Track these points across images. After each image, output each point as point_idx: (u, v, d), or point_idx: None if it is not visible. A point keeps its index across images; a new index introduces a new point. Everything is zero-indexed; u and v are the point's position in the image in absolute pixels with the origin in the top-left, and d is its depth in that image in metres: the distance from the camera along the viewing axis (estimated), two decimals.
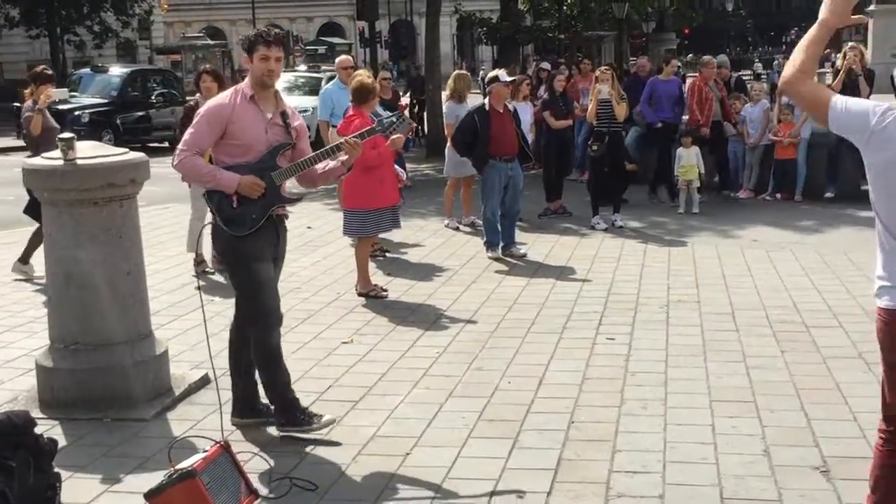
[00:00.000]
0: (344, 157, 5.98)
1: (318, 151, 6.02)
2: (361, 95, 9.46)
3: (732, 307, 8.83)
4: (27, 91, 10.72)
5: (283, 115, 5.95)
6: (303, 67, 35.86)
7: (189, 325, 8.48)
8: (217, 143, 5.84)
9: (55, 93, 10.80)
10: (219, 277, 10.24)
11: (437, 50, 24.16)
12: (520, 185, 11.30)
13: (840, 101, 3.90)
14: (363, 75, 9.98)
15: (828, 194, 14.82)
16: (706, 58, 16.87)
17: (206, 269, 10.35)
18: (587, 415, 6.25)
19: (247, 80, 5.96)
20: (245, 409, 6.16)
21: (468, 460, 5.58)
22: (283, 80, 24.68)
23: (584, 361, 7.34)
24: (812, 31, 4.01)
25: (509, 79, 11.26)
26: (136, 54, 53.82)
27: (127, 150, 6.90)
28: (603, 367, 7.20)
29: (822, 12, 3.99)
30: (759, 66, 62.55)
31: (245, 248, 5.88)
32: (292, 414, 5.96)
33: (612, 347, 7.71)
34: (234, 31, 70.04)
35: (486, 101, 11.27)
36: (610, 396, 6.57)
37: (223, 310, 8.98)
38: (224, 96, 5.95)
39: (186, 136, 5.83)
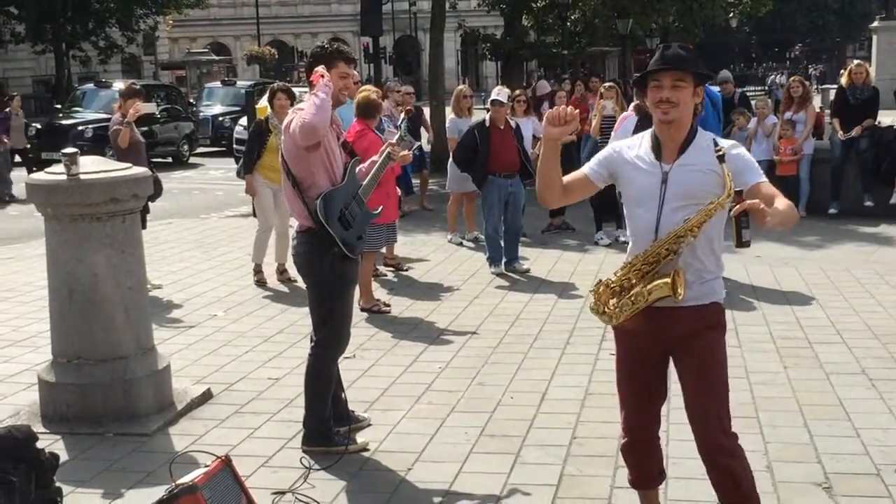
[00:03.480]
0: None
1: (378, 163, 6.11)
2: (368, 110, 9.53)
3: (735, 323, 8.80)
4: (116, 105, 10.99)
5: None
6: None
7: (192, 340, 8.49)
8: (309, 159, 5.74)
9: (144, 107, 10.96)
10: (216, 289, 10.27)
11: (441, 65, 24.22)
12: (520, 202, 11.29)
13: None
14: (369, 90, 10.03)
15: (831, 210, 14.81)
16: None
17: (291, 278, 10.42)
18: (589, 430, 6.24)
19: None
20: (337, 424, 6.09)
21: (470, 475, 5.58)
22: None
23: (586, 377, 7.33)
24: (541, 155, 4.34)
25: (502, 100, 11.22)
26: (140, 70, 54.07)
27: (130, 164, 6.91)
28: (605, 383, 7.16)
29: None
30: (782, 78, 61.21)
31: (349, 271, 5.93)
32: (326, 433, 5.95)
33: (614, 363, 7.67)
34: (238, 46, 70.44)
35: (487, 116, 11.31)
36: (612, 412, 6.50)
37: (226, 325, 9.04)
38: (307, 112, 5.62)
39: (298, 119, 5.57)
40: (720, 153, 4.07)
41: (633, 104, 10.84)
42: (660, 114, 4.14)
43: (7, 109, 19.33)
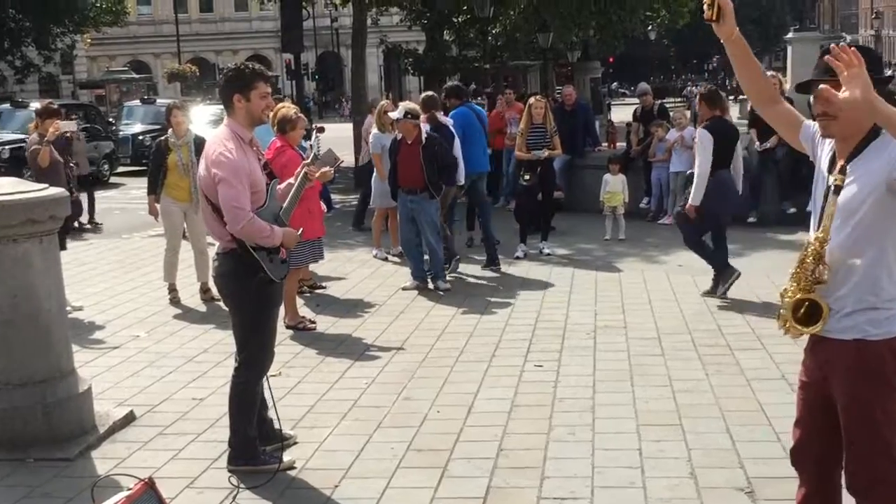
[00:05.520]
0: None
1: (296, 185, 6.10)
2: (282, 126, 9.54)
3: (658, 332, 8.92)
4: (32, 125, 10.75)
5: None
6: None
7: (114, 362, 8.38)
8: None
9: (64, 125, 10.80)
10: (136, 311, 10.15)
11: (364, 81, 24.21)
12: (423, 219, 10.99)
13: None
14: (287, 106, 10.03)
15: (750, 219, 15.06)
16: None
17: (214, 297, 10.22)
18: (516, 442, 6.26)
19: (233, 121, 5.75)
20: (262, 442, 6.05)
21: (397, 490, 5.57)
22: (209, 114, 24.63)
23: (512, 389, 7.36)
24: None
25: (397, 116, 11.10)
26: (59, 89, 53.29)
27: (47, 185, 6.80)
28: (531, 395, 7.23)
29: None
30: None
31: (274, 293, 5.89)
32: (252, 452, 5.90)
33: (540, 374, 7.75)
34: (159, 64, 69.73)
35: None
36: (538, 423, 6.60)
37: (148, 345, 8.93)
38: (230, 147, 5.62)
39: (232, 199, 5.51)
40: None
41: None
42: None
43: (68, 134, 17.72)
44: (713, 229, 10.50)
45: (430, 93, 13.66)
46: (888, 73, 4.39)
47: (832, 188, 3.74)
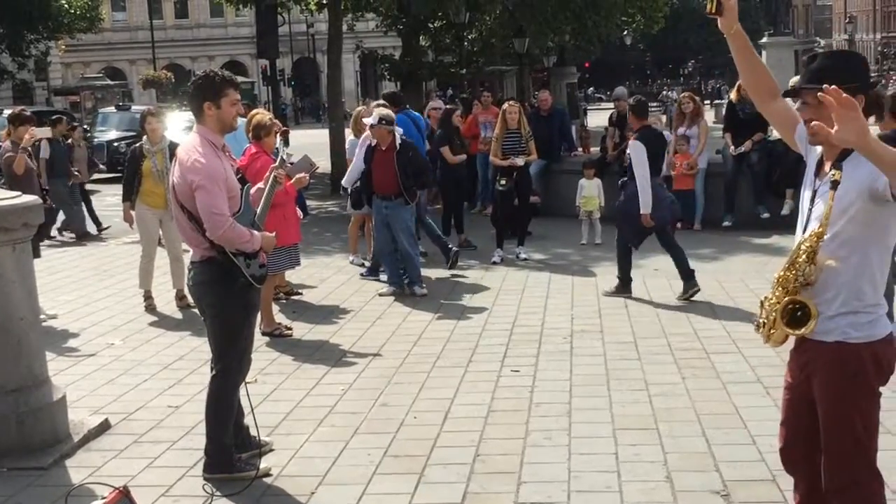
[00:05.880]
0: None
1: (266, 189, 6.09)
2: (257, 133, 9.52)
3: (635, 336, 8.94)
4: (4, 132, 10.65)
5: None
6: None
7: (89, 370, 8.34)
8: None
9: (39, 132, 10.73)
10: (111, 318, 10.11)
11: (340, 87, 24.19)
12: (398, 225, 10.97)
13: None
14: (262, 112, 10.02)
15: (726, 223, 15.12)
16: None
17: (190, 304, 10.16)
18: (492, 447, 6.26)
19: (203, 128, 5.73)
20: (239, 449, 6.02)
21: (374, 497, 5.56)
22: (184, 120, 24.54)
23: (489, 394, 7.36)
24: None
25: (372, 122, 11.07)
26: (33, 96, 52.98)
27: (20, 193, 6.77)
28: (508, 400, 7.23)
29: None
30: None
31: (252, 299, 5.88)
32: (228, 460, 5.88)
33: (516, 379, 7.75)
34: (134, 70, 69.50)
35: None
36: (515, 428, 6.60)
37: (124, 353, 8.89)
38: (204, 153, 5.61)
39: (211, 205, 5.50)
40: None
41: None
42: None
43: (69, 140, 17.56)
44: (657, 236, 10.66)
45: (381, 101, 13.69)
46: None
47: (830, 183, 3.76)
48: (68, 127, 17.67)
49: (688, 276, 10.40)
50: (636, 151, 10.33)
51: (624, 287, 10.69)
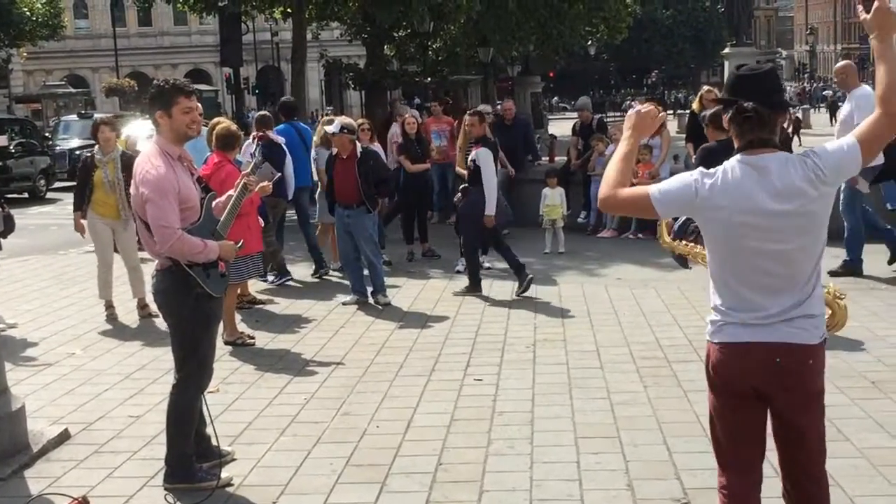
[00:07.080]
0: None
1: (234, 196, 6.05)
2: (228, 142, 9.49)
3: (597, 344, 8.98)
4: None
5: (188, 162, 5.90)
6: None
7: (49, 379, 8.27)
8: None
9: None
10: (73, 327, 10.03)
11: (304, 95, 24.18)
12: (360, 233, 10.96)
13: (656, 189, 3.97)
14: (227, 122, 9.98)
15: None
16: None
17: (152, 313, 10.14)
18: (455, 456, 6.27)
19: (159, 138, 5.71)
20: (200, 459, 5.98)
21: None
22: (148, 128, 24.41)
23: (452, 403, 7.37)
24: (619, 148, 4.14)
25: (333, 130, 11.06)
26: None
27: None
28: (470, 408, 7.24)
29: (626, 128, 4.15)
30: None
31: (213, 309, 5.84)
32: (188, 470, 5.84)
33: (479, 388, 7.76)
34: (97, 78, 69.06)
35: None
36: (477, 437, 6.61)
37: (84, 362, 8.83)
38: (156, 165, 5.58)
39: (159, 218, 5.48)
40: None
41: None
42: None
43: None
44: (492, 237, 11.72)
45: (263, 112, 13.69)
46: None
47: None
48: None
49: (518, 269, 11.33)
50: (484, 158, 11.18)
51: (520, 276, 11.37)
